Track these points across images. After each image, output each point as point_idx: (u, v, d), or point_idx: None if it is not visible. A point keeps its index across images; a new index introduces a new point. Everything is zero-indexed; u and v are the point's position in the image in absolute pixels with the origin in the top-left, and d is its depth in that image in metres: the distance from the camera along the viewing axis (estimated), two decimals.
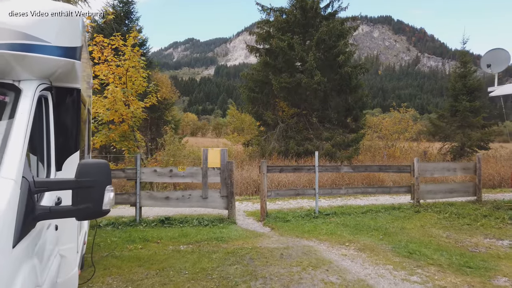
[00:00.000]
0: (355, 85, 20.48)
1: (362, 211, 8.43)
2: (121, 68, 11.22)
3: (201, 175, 7.62)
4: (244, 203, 10.19)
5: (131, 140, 11.93)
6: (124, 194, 7.44)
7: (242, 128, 26.71)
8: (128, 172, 7.36)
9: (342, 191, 8.26)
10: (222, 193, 7.68)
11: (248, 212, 8.91)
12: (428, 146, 24.86)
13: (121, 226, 7.05)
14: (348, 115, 21.72)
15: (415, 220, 7.69)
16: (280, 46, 19.24)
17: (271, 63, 20.53)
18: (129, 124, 11.56)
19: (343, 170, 8.24)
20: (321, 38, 19.48)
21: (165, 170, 7.54)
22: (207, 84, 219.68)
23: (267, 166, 7.84)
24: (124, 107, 11.13)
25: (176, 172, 7.55)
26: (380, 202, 10.13)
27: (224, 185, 7.67)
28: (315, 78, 18.50)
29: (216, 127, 76.53)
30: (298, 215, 8.05)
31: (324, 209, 8.76)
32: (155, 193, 7.65)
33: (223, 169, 7.67)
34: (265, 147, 20.17)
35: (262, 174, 7.80)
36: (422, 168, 8.74)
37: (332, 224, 7.37)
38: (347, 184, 12.41)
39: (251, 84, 21.75)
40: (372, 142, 24.73)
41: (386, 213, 8.29)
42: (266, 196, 7.83)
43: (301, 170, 8.09)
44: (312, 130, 20.99)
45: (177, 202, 7.53)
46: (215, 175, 7.67)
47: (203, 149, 7.71)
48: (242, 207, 9.57)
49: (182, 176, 7.58)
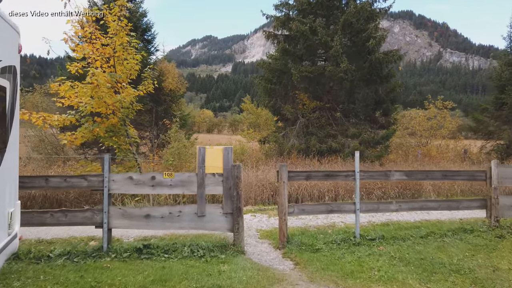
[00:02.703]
0: (386, 74, 17.92)
1: (420, 234, 6.07)
2: (108, 48, 9.10)
3: (195, 184, 5.41)
4: (257, 216, 7.95)
5: (122, 136, 9.82)
6: (86, 211, 5.28)
7: (258, 123, 24.47)
8: (91, 179, 5.20)
9: (392, 207, 5.94)
10: (225, 209, 5.46)
11: (263, 232, 6.66)
12: (467, 144, 22.12)
13: (79, 258, 4.89)
14: (377, 108, 19.18)
15: (505, 252, 5.29)
16: (301, 30, 16.87)
17: (291, 50, 18.18)
18: (119, 117, 9.46)
19: (394, 177, 5.94)
20: (348, 20, 17.00)
21: (145, 177, 5.35)
22: (225, 81, 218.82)
23: (288, 172, 5.57)
24: (111, 94, 9.01)
25: (160, 180, 5.36)
26: (434, 217, 7.73)
27: (229, 198, 5.45)
28: (341, 65, 16.05)
29: (232, 123, 74.94)
30: (332, 240, 5.75)
31: (366, 229, 6.44)
32: (130, 209, 5.45)
33: (226, 176, 5.45)
34: (283, 144, 17.89)
35: (281, 183, 5.54)
36: (503, 174, 6.32)
37: (385, 258, 5.05)
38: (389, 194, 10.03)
39: (268, 75, 19.44)
40: (402, 140, 22.13)
41: (456, 238, 5.91)
42: (287, 214, 5.56)
43: (336, 177, 5.80)
44: (336, 125, 18.57)
45: (161, 222, 5.35)
46: (215, 184, 5.46)
47: (198, 147, 5.49)
48: (255, 223, 7.32)
49: (169, 186, 5.38)
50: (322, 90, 18.24)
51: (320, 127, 18.49)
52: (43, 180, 5.11)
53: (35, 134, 16.29)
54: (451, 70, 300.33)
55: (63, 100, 8.94)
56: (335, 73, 16.28)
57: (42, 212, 5.19)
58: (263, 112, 23.87)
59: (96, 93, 8.71)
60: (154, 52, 17.96)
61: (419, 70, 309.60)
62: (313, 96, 18.69)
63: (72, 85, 8.66)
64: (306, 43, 17.32)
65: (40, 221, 5.07)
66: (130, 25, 9.18)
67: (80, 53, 8.90)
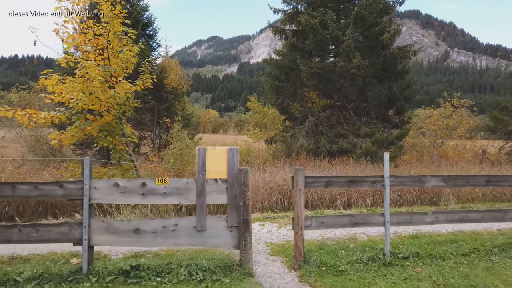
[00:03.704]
0: (401, 70, 16.90)
1: (461, 251, 5.11)
2: (101, 38, 8.24)
3: (194, 192, 4.52)
4: (266, 226, 7.03)
5: (118, 136, 8.96)
6: (62, 225, 4.38)
7: (264, 123, 23.53)
8: (68, 187, 4.31)
9: (428, 219, 4.99)
10: (229, 222, 4.56)
11: (274, 246, 5.73)
12: (484, 144, 21.03)
13: (51, 284, 4.01)
14: (390, 107, 18.18)
15: None
16: (311, 24, 15.92)
17: (299, 45, 17.21)
18: (113, 114, 8.60)
19: (429, 184, 4.98)
20: (360, 13, 16.02)
21: (133, 183, 4.45)
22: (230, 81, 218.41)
23: (305, 178, 4.65)
24: (105, 89, 8.15)
25: (152, 187, 4.46)
26: (468, 227, 6.75)
27: (234, 208, 4.54)
28: (354, 61, 15.07)
29: (238, 123, 74.20)
30: (357, 259, 4.82)
31: (394, 244, 5.50)
32: (116, 222, 4.55)
33: (231, 182, 4.55)
34: (292, 144, 16.96)
35: (296, 191, 4.62)
36: None
37: (426, 284, 4.10)
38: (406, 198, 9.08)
39: (276, 72, 18.50)
40: (416, 140, 21.11)
41: (506, 257, 4.94)
42: (303, 228, 4.63)
43: (361, 183, 4.84)
44: (347, 125, 17.60)
45: (153, 238, 4.45)
46: (218, 192, 4.56)
47: (197, 148, 4.59)
48: (264, 235, 6.40)
49: (163, 194, 4.48)
50: (333, 87, 17.28)
51: (330, 126, 17.54)
52: (9, 188, 4.23)
53: (31, 134, 15.51)
54: (458, 70, 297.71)
55: (52, 96, 8.11)
56: (347, 69, 15.31)
57: (8, 227, 4.30)
58: (270, 111, 22.96)
59: (87, 87, 7.86)
60: (156, 48, 17.11)
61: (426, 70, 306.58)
62: (323, 93, 17.75)
63: (61, 79, 7.81)
64: (316, 37, 16.36)
65: (5, 237, 4.19)
66: (125, 12, 8.31)
67: (70, 43, 8.06)
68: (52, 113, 8.14)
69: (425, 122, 20.61)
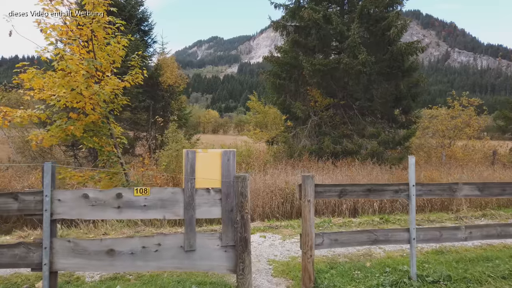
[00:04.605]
0: (408, 67, 16.12)
1: (499, 273, 4.29)
2: (85, 28, 7.44)
3: (181, 205, 3.71)
4: (268, 237, 6.23)
5: (104, 136, 8.15)
6: (17, 246, 3.57)
7: (265, 123, 22.73)
8: (25, 199, 3.51)
9: (460, 235, 4.17)
10: (224, 241, 3.75)
11: (277, 264, 4.92)
12: (494, 144, 20.22)
13: None
14: (396, 105, 17.39)
15: None
16: (314, 19, 15.15)
17: (302, 41, 16.43)
18: (99, 112, 7.80)
19: (461, 193, 4.16)
20: (366, 7, 15.26)
21: (106, 194, 3.64)
22: (231, 81, 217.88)
23: (315, 186, 3.85)
24: (90, 85, 7.34)
25: (130, 199, 3.65)
26: (498, 240, 5.94)
27: (230, 224, 3.74)
28: (360, 57, 14.27)
29: (238, 124, 73.49)
30: (377, 284, 4.01)
31: (419, 263, 4.68)
32: (85, 241, 3.74)
33: (227, 192, 3.74)
34: (294, 145, 16.20)
35: (305, 202, 3.82)
36: None
37: None
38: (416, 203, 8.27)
39: (277, 69, 17.71)
40: (422, 140, 20.32)
41: None
42: (313, 247, 3.83)
43: (381, 192, 4.01)
44: (352, 124, 16.80)
45: (131, 261, 3.64)
46: (210, 204, 3.75)
47: (185, 151, 3.78)
48: (265, 249, 5.59)
49: (143, 207, 3.67)
50: (337, 85, 16.50)
51: (334, 126, 16.78)
52: None
53: (19, 135, 14.74)
54: (459, 70, 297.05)
55: (31, 92, 7.34)
56: (352, 65, 14.51)
57: None
58: (271, 110, 22.17)
59: (68, 82, 7.05)
60: (151, 44, 16.34)
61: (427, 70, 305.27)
62: (326, 92, 16.96)
63: (38, 72, 7.01)
64: (319, 33, 15.60)
65: None
66: None
67: (50, 34, 7.25)
68: (30, 111, 7.34)
69: (432, 122, 19.78)
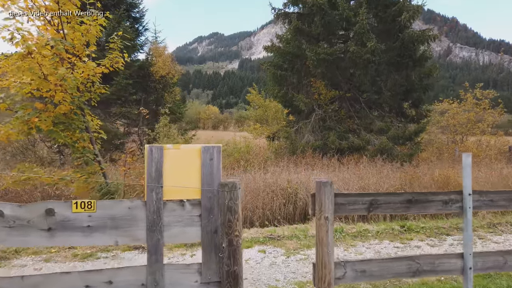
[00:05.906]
0: (420, 56, 14.95)
1: None
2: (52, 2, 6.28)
3: (143, 224, 2.56)
4: (268, 253, 5.09)
5: (78, 130, 7.00)
6: None
7: (265, 117, 21.59)
8: None
9: None
10: (205, 276, 2.60)
11: None
12: (509, 140, 19.05)
13: None
14: (406, 98, 16.23)
15: None
16: (318, 4, 14.00)
17: (305, 29, 15.28)
18: (71, 102, 6.65)
19: None
20: None
21: (31, 212, 2.49)
22: (231, 77, 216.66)
23: (334, 195, 2.71)
24: (58, 68, 6.18)
25: (67, 217, 2.50)
26: None
27: (212, 251, 2.59)
28: (368, 44, 13.11)
29: (238, 120, 72.35)
30: None
31: None
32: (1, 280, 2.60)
33: (208, 206, 2.59)
34: (296, 141, 15.07)
35: (321, 219, 2.67)
36: None
37: None
38: None
39: (278, 59, 16.58)
40: (432, 136, 19.19)
41: None
42: (332, 283, 2.68)
43: (427, 204, 2.86)
44: (359, 119, 15.69)
45: None
46: (184, 223, 2.59)
47: (148, 148, 2.61)
48: (265, 270, 4.45)
49: (87, 228, 2.52)
50: (343, 76, 15.36)
51: (339, 120, 15.66)
52: None
53: None
54: (461, 65, 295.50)
55: None
56: (359, 54, 13.35)
57: None
58: (272, 104, 21.04)
59: (27, 65, 5.90)
60: (143, 32, 15.17)
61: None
62: (331, 83, 15.81)
63: None
64: (324, 19, 14.41)
65: None
66: None
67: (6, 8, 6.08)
68: None
69: (443, 116, 18.62)
